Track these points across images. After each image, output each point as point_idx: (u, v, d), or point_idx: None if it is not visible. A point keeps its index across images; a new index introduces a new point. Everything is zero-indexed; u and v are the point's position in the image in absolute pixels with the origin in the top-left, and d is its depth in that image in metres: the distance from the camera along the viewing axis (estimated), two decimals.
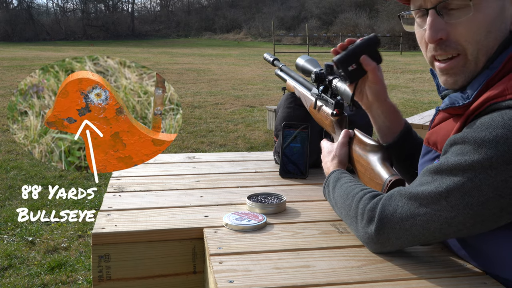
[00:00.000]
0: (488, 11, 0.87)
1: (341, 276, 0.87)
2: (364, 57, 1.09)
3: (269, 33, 35.61)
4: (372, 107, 1.16)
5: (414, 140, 1.17)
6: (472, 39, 0.88)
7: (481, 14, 0.87)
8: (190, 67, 16.05)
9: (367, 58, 1.09)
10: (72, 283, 2.53)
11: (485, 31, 0.87)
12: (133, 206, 1.23)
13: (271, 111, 6.28)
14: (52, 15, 49.19)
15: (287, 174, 1.52)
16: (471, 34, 0.88)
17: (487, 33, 0.87)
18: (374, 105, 1.15)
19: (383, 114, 1.15)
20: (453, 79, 0.93)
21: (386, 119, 1.15)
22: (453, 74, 0.92)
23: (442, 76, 0.95)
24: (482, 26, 0.87)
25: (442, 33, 0.90)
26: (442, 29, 0.90)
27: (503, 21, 0.88)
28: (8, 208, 3.57)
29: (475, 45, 0.88)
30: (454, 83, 0.93)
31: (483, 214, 0.80)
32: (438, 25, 0.90)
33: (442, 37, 0.90)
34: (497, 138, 0.77)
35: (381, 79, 1.12)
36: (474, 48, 0.89)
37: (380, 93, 1.13)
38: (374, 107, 1.15)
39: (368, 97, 1.14)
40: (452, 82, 0.93)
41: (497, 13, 0.87)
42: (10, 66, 15.42)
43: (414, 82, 12.65)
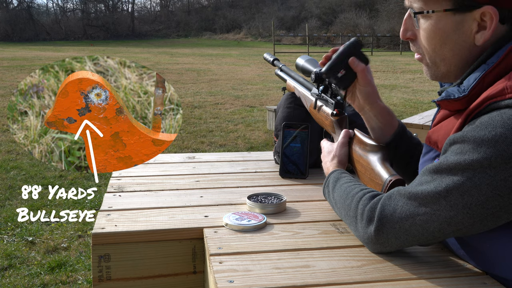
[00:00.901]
0: (439, 25, 0.92)
1: (341, 276, 0.87)
2: (352, 59, 1.12)
3: (269, 33, 35.62)
4: (364, 109, 1.17)
5: (409, 141, 1.18)
6: (428, 47, 0.95)
7: (432, 27, 0.93)
8: (190, 67, 16.06)
9: (355, 60, 1.12)
10: (72, 283, 2.53)
11: (438, 42, 0.93)
12: (133, 206, 1.23)
13: (271, 111, 6.28)
14: (52, 15, 49.20)
15: (287, 174, 1.52)
16: (426, 42, 0.95)
17: (441, 44, 0.93)
18: (365, 107, 1.16)
19: (375, 116, 1.16)
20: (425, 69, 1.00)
21: (378, 120, 1.16)
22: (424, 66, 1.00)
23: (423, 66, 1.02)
24: (434, 38, 0.93)
25: (410, 33, 0.99)
26: (410, 30, 0.98)
27: (461, 35, 0.91)
28: (8, 208, 3.57)
29: (431, 52, 0.95)
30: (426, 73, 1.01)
31: (482, 214, 0.80)
32: (408, 24, 0.99)
33: (410, 37, 0.99)
34: (496, 137, 0.77)
35: (370, 81, 1.14)
36: (431, 54, 0.96)
37: (370, 95, 1.15)
38: (366, 109, 1.16)
39: (360, 99, 1.16)
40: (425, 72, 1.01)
41: (451, 27, 0.91)
42: (10, 66, 15.42)
43: (414, 82, 12.66)
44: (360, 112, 1.18)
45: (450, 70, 0.95)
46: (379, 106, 1.16)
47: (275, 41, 27.25)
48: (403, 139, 1.16)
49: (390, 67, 17.22)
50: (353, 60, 1.11)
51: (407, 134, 1.19)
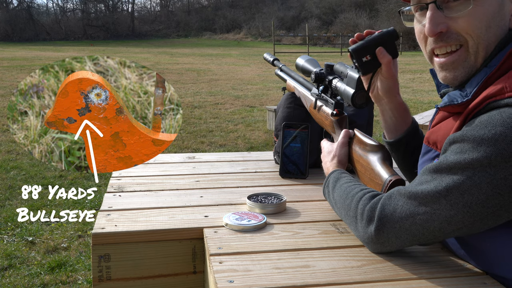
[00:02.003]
0: (487, 6, 0.87)
1: (341, 276, 0.87)
2: (380, 49, 1.08)
3: (269, 33, 35.62)
4: (381, 102, 1.15)
5: (419, 139, 1.17)
6: (473, 33, 0.88)
7: (481, 8, 0.87)
8: (190, 67, 16.05)
9: (383, 51, 1.08)
10: (72, 283, 2.53)
11: (485, 25, 0.88)
12: (133, 206, 1.23)
13: (271, 111, 6.28)
14: (52, 15, 49.20)
15: (287, 174, 1.52)
16: (472, 27, 0.88)
17: (487, 28, 0.88)
18: (383, 100, 1.14)
19: (391, 110, 1.14)
20: (453, 74, 0.93)
21: (393, 115, 1.15)
22: (453, 69, 0.92)
23: (442, 71, 0.95)
24: (482, 20, 0.88)
25: (442, 26, 0.90)
26: (442, 22, 0.90)
27: (502, 18, 0.89)
28: (8, 208, 3.57)
29: (476, 38, 0.89)
30: (454, 78, 0.93)
31: (482, 212, 0.80)
32: (438, 18, 0.90)
33: (442, 30, 0.91)
34: (496, 136, 0.77)
35: (394, 74, 1.11)
36: (475, 41, 0.89)
37: (391, 88, 1.12)
38: (384, 102, 1.14)
39: (379, 91, 1.13)
40: (451, 78, 0.93)
41: (496, 8, 0.88)
42: (10, 66, 15.42)
43: (414, 82, 12.66)
44: (377, 102, 1.16)
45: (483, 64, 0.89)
46: (397, 101, 1.14)
47: (275, 41, 27.25)
48: (414, 137, 1.16)
49: None
50: (380, 50, 1.07)
51: (419, 133, 1.18)
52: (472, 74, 0.91)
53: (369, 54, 1.08)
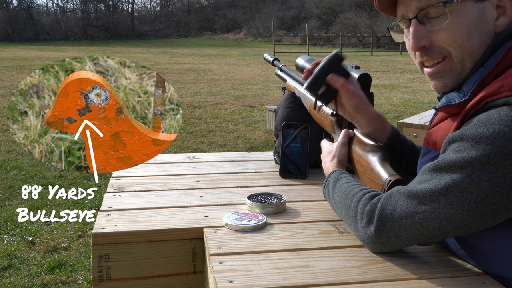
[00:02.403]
0: (466, 16, 0.89)
1: (341, 276, 0.87)
2: (330, 77, 1.12)
3: (269, 33, 35.63)
4: (356, 118, 1.17)
5: (403, 145, 1.19)
6: (455, 43, 0.91)
7: (459, 19, 0.90)
8: (190, 67, 16.06)
9: (333, 77, 1.12)
10: (72, 283, 2.53)
11: (466, 34, 0.90)
12: (133, 206, 1.23)
13: (271, 111, 6.29)
14: (52, 15, 49.22)
15: (287, 174, 1.52)
16: (452, 38, 0.91)
17: (469, 36, 0.90)
18: (357, 116, 1.16)
19: (368, 123, 1.16)
20: (442, 82, 0.95)
21: (371, 127, 1.17)
22: (441, 77, 0.95)
23: (432, 81, 0.97)
24: (462, 30, 0.90)
25: (424, 41, 0.94)
26: (424, 37, 0.93)
27: (485, 24, 0.90)
28: (8, 208, 3.57)
29: (459, 48, 0.91)
30: (443, 86, 0.95)
31: (482, 211, 0.80)
32: (420, 33, 0.94)
33: (425, 44, 0.94)
34: (495, 134, 0.77)
35: (354, 93, 1.14)
36: (459, 51, 0.91)
37: (359, 105, 1.15)
38: (358, 118, 1.17)
39: (349, 110, 1.16)
40: (441, 86, 0.96)
41: (476, 16, 0.89)
42: (10, 66, 15.42)
43: (414, 82, 12.66)
44: (353, 121, 1.19)
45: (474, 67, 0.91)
46: (370, 113, 1.16)
47: (275, 41, 27.26)
48: (397, 143, 1.17)
49: (390, 67, 17.22)
50: (331, 78, 1.12)
51: (401, 138, 1.19)
52: (464, 79, 0.92)
53: (323, 85, 1.12)
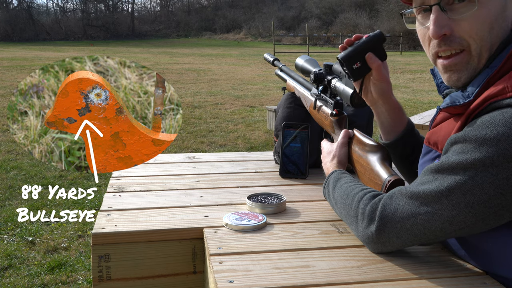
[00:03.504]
0: (491, 7, 0.87)
1: (341, 276, 0.87)
2: (369, 55, 1.08)
3: (269, 33, 35.64)
4: (376, 104, 1.15)
5: (416, 139, 1.17)
6: (476, 35, 0.88)
7: (485, 10, 0.87)
8: (190, 67, 16.06)
9: (372, 56, 1.08)
10: (72, 283, 2.53)
11: (488, 27, 0.88)
12: (133, 206, 1.23)
13: (271, 111, 6.28)
14: (52, 15, 49.23)
15: (287, 174, 1.51)
16: (475, 30, 0.88)
17: (490, 30, 0.88)
18: (378, 102, 1.14)
19: (387, 111, 1.15)
20: (457, 75, 0.93)
21: (389, 116, 1.15)
22: (457, 70, 0.92)
23: (446, 73, 0.94)
24: (485, 22, 0.87)
25: (446, 29, 0.90)
26: (446, 24, 0.90)
27: (505, 19, 0.89)
28: (8, 208, 3.57)
29: (479, 41, 0.88)
30: (458, 80, 0.93)
31: (484, 212, 0.80)
32: (442, 20, 0.90)
33: (446, 33, 0.90)
34: (498, 136, 0.77)
35: (386, 77, 1.11)
36: (478, 44, 0.89)
37: (385, 90, 1.12)
38: (379, 104, 1.15)
39: (373, 94, 1.14)
40: (455, 79, 0.93)
41: (499, 10, 0.88)
42: (10, 66, 15.42)
43: (414, 82, 12.66)
44: (372, 106, 1.17)
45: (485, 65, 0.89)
46: (392, 101, 1.14)
47: (275, 41, 27.25)
48: (411, 137, 1.16)
49: (390, 67, 17.13)
50: (370, 56, 1.08)
51: (415, 133, 1.18)
52: (476, 74, 0.90)
53: (359, 61, 1.10)
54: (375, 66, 1.09)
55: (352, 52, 1.09)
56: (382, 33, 1.10)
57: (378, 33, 1.09)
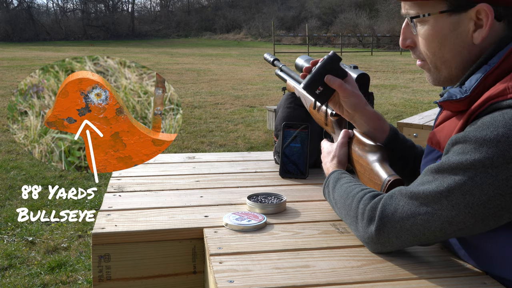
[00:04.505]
0: (437, 28, 0.93)
1: (341, 276, 0.87)
2: (327, 77, 1.14)
3: (269, 33, 35.65)
4: (354, 118, 1.18)
5: (402, 144, 1.19)
6: (428, 51, 0.96)
7: (431, 31, 0.94)
8: (190, 67, 16.06)
9: (331, 78, 1.14)
10: (72, 283, 2.53)
11: (438, 44, 0.94)
12: (133, 206, 1.23)
13: (271, 111, 6.28)
14: (52, 15, 49.25)
15: (287, 174, 1.51)
16: (426, 46, 0.96)
17: (441, 46, 0.94)
18: (355, 116, 1.17)
19: (366, 122, 1.16)
20: (427, 76, 1.02)
21: (370, 126, 1.17)
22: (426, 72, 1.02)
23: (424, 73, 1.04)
24: (433, 41, 0.94)
25: (409, 42, 1.00)
26: (410, 37, 1.00)
27: (459, 35, 0.92)
28: (8, 208, 3.57)
29: (432, 56, 0.96)
30: (428, 79, 1.02)
31: (484, 213, 0.80)
32: (407, 33, 1.00)
33: (410, 45, 1.00)
34: (498, 137, 0.77)
35: (351, 92, 1.14)
36: (431, 58, 0.97)
37: (357, 104, 1.15)
38: (356, 118, 1.17)
39: (348, 110, 1.16)
40: (430, 80, 1.02)
41: (448, 29, 0.92)
42: (10, 66, 15.42)
43: (414, 82, 12.66)
44: (351, 121, 1.19)
45: (451, 73, 0.96)
46: (369, 112, 1.16)
47: (275, 41, 27.26)
48: (396, 142, 1.17)
49: (390, 67, 17.22)
50: (328, 79, 1.13)
51: (400, 138, 1.19)
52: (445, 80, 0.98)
53: (320, 85, 1.15)
54: (337, 86, 1.14)
55: (311, 79, 1.15)
56: (335, 53, 1.16)
57: (331, 55, 1.15)
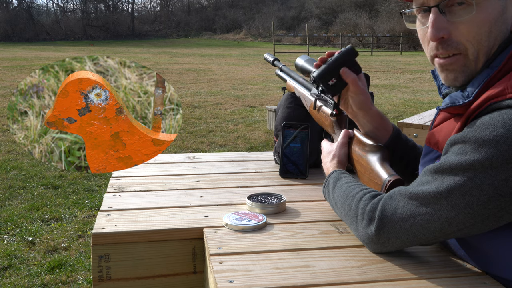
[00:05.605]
0: (490, 11, 0.87)
1: (341, 276, 0.87)
2: (343, 70, 1.13)
3: (269, 33, 35.66)
4: (357, 117, 1.17)
5: (404, 144, 1.18)
6: (474, 39, 0.88)
7: (483, 14, 0.87)
8: (190, 67, 16.06)
9: (347, 71, 1.12)
10: (72, 283, 2.53)
11: (487, 31, 0.87)
12: (133, 206, 1.23)
13: (271, 111, 6.28)
14: (52, 15, 49.26)
15: (287, 174, 1.51)
16: (472, 34, 0.88)
17: (489, 33, 0.87)
18: (359, 114, 1.17)
19: (369, 122, 1.16)
20: (453, 75, 0.93)
21: (372, 126, 1.17)
22: (453, 70, 0.92)
23: (442, 72, 0.94)
24: (484, 26, 0.87)
25: (444, 32, 0.89)
26: (444, 27, 0.89)
27: (504, 22, 0.88)
28: (8, 208, 3.57)
29: (476, 45, 0.88)
30: (455, 79, 0.93)
31: (483, 214, 0.80)
32: (440, 23, 0.89)
33: (444, 36, 0.90)
34: (497, 138, 0.77)
35: (362, 89, 1.14)
36: (475, 48, 0.88)
37: (363, 102, 1.15)
38: (360, 116, 1.17)
39: (353, 107, 1.16)
40: (452, 79, 0.93)
41: (499, 13, 0.87)
42: (10, 66, 15.42)
43: (414, 82, 12.66)
44: (354, 118, 1.19)
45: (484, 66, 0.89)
46: (372, 111, 1.16)
47: (275, 41, 27.26)
48: (398, 143, 1.17)
49: (390, 67, 17.22)
50: (344, 71, 1.12)
51: (402, 138, 1.19)
52: (473, 76, 0.90)
53: (333, 77, 1.14)
54: (351, 80, 1.13)
55: (326, 69, 1.14)
56: (353, 48, 1.14)
57: (349, 48, 1.14)
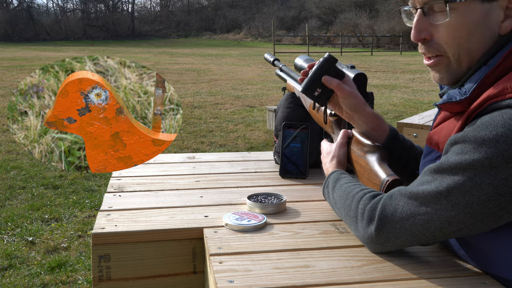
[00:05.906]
0: (469, 16, 0.88)
1: (341, 276, 0.87)
2: (325, 78, 1.14)
3: (269, 33, 35.66)
4: (353, 119, 1.18)
5: (402, 144, 1.19)
6: (453, 42, 0.90)
7: (461, 19, 0.89)
8: (190, 67, 16.06)
9: (328, 78, 1.14)
10: (72, 283, 2.53)
11: (466, 34, 0.89)
12: (133, 206, 1.23)
13: (271, 111, 6.29)
14: (52, 15, 49.26)
15: (287, 174, 1.52)
16: (451, 37, 0.90)
17: (469, 36, 0.89)
18: (354, 116, 1.17)
19: (365, 123, 1.17)
20: (439, 75, 0.96)
21: (369, 127, 1.17)
22: (438, 71, 0.96)
23: (431, 71, 0.98)
24: (462, 30, 0.89)
25: (425, 33, 0.93)
26: (425, 29, 0.93)
27: (488, 25, 0.89)
28: (8, 208, 3.57)
29: (456, 48, 0.91)
30: (440, 79, 0.96)
31: (483, 213, 0.80)
32: (422, 25, 0.93)
33: (425, 37, 0.94)
34: (497, 137, 0.77)
35: (350, 92, 1.15)
36: (455, 50, 0.91)
37: (356, 105, 1.15)
38: (355, 118, 1.17)
39: (347, 111, 1.17)
40: (438, 78, 0.96)
41: (479, 17, 0.88)
42: (10, 66, 15.42)
43: (414, 82, 12.66)
44: (350, 121, 1.19)
45: (471, 67, 0.91)
46: (367, 112, 1.16)
47: (275, 41, 27.27)
48: (396, 143, 1.17)
49: (390, 67, 17.22)
50: (326, 79, 1.14)
51: (400, 138, 1.19)
52: (462, 75, 0.92)
53: (318, 87, 1.16)
54: (335, 86, 1.14)
55: (308, 82, 1.16)
56: (331, 55, 1.16)
57: (327, 57, 1.16)
